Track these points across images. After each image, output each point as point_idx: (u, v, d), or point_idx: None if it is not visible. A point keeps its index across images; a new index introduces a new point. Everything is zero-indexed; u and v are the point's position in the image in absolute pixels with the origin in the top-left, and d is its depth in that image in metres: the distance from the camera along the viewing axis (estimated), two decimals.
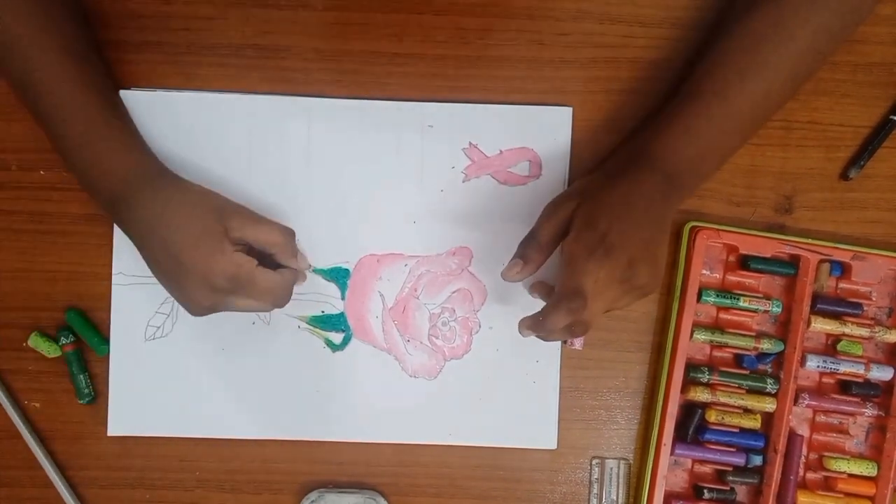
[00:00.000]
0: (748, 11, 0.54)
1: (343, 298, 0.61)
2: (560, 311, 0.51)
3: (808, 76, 0.55)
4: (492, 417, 0.61)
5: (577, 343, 0.61)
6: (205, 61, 0.60)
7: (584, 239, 0.52)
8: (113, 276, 0.60)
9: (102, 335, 0.60)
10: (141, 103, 0.59)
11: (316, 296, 0.61)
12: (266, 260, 0.55)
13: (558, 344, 0.61)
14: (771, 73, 0.53)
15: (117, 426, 0.61)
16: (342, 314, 0.61)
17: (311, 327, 0.61)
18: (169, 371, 0.60)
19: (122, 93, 0.59)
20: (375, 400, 0.61)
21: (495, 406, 0.61)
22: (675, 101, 0.56)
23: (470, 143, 0.61)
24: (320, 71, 0.60)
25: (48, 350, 0.60)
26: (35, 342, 0.60)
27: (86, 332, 0.60)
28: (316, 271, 0.61)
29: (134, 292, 0.60)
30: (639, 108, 0.61)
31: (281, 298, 0.55)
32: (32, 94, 0.54)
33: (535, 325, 0.53)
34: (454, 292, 0.61)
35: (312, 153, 0.60)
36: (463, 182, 0.61)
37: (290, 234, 0.56)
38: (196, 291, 0.53)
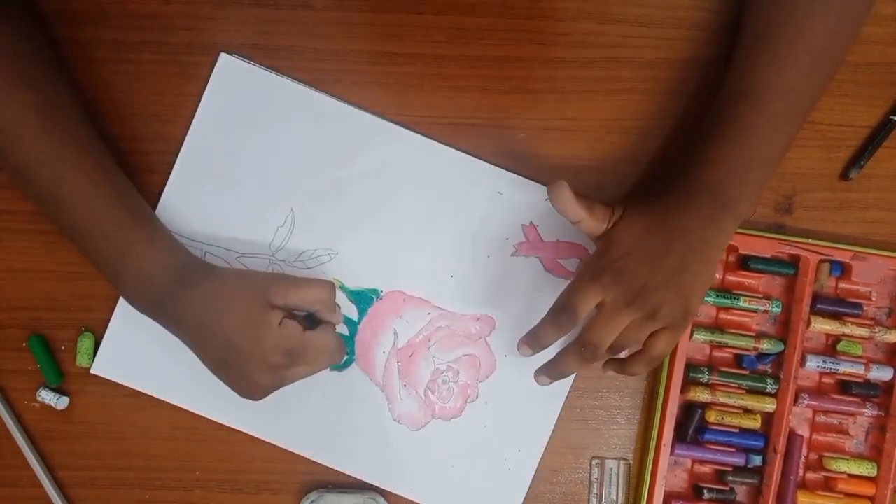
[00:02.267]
0: (757, 10, 0.54)
1: (359, 322, 0.61)
2: (549, 325, 0.53)
3: (833, 64, 0.54)
4: (457, 488, 0.61)
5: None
6: (205, 61, 0.60)
7: (596, 261, 0.53)
8: None
9: (58, 368, 0.60)
10: (236, 71, 0.59)
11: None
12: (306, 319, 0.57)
13: (546, 437, 0.61)
14: (791, 66, 0.53)
15: (102, 367, 0.60)
16: (352, 337, 0.61)
17: None
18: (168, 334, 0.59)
19: (222, 56, 0.59)
20: (354, 431, 0.61)
21: (464, 478, 0.61)
22: (707, 116, 0.56)
23: (531, 222, 0.61)
24: (320, 71, 0.60)
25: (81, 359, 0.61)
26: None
27: (43, 361, 0.60)
28: (342, 288, 0.61)
29: None
30: (639, 108, 0.61)
31: (336, 355, 0.57)
32: (62, 210, 0.53)
33: (531, 341, 0.55)
34: (464, 356, 0.61)
35: (381, 176, 0.60)
36: (511, 255, 0.61)
37: (332, 287, 0.56)
38: (256, 373, 0.53)
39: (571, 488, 0.62)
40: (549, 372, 0.56)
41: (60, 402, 0.60)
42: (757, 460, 0.60)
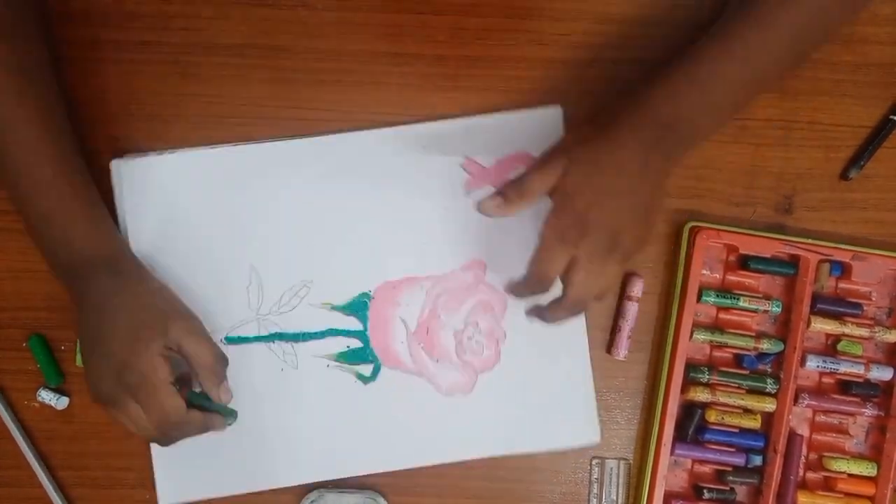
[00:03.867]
0: None
1: (366, 330, 0.61)
2: (526, 289, 0.53)
3: (815, 40, 0.54)
4: (532, 424, 0.61)
5: (621, 353, 0.61)
6: (205, 61, 0.60)
7: (557, 220, 0.52)
8: None
9: (58, 368, 0.60)
10: (135, 169, 0.59)
11: (337, 333, 0.61)
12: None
13: (584, 337, 0.61)
14: (773, 29, 0.52)
15: (168, 497, 0.60)
16: (367, 346, 0.61)
17: (339, 364, 0.61)
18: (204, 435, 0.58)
19: (113, 163, 0.59)
20: (413, 424, 0.61)
21: (535, 411, 0.61)
22: (677, 56, 0.55)
23: (466, 158, 0.61)
24: (320, 71, 0.60)
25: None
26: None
27: (43, 361, 0.60)
28: (334, 309, 0.61)
29: None
30: None
31: (169, 428, 0.53)
32: (5, 168, 0.53)
33: (513, 292, 0.55)
34: (475, 306, 0.61)
35: (314, 193, 0.60)
36: (465, 196, 0.61)
37: (223, 360, 0.55)
38: (104, 375, 0.52)
39: (571, 488, 0.62)
40: (539, 315, 0.55)
41: (60, 403, 0.60)
42: (757, 460, 0.60)
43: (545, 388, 0.61)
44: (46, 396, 0.60)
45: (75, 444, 0.61)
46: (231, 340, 0.60)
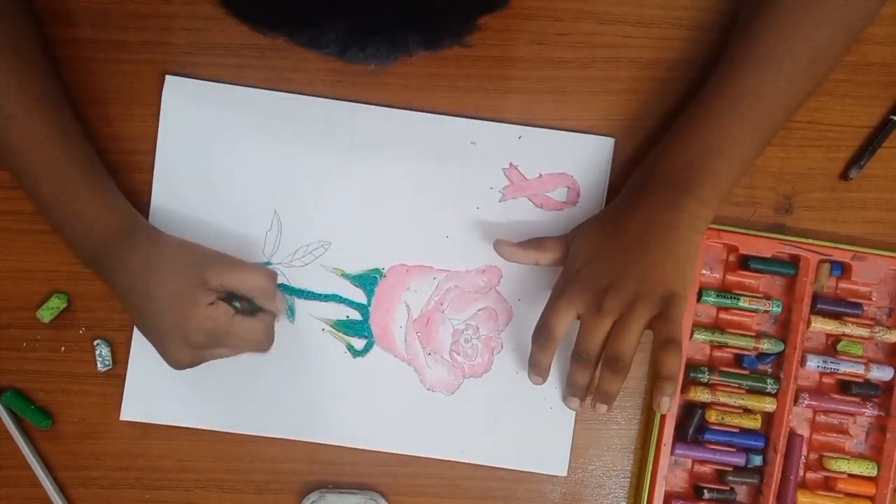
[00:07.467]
0: (748, 15, 0.55)
1: (369, 305, 0.61)
2: (534, 348, 0.55)
3: (822, 70, 0.54)
4: (505, 439, 0.61)
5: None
6: (205, 61, 0.60)
7: (561, 277, 0.55)
8: None
9: (43, 410, 0.60)
10: (185, 91, 0.60)
11: (340, 300, 0.61)
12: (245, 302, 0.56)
13: None
14: (770, 66, 0.53)
15: (130, 411, 0.60)
16: (366, 321, 0.61)
17: (334, 331, 0.61)
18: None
19: (168, 78, 0.60)
20: (391, 409, 0.61)
21: (510, 428, 0.61)
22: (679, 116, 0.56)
23: (510, 164, 0.61)
24: (320, 71, 0.60)
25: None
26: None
27: (25, 411, 0.60)
28: (344, 276, 0.61)
29: None
30: (639, 108, 0.61)
31: (262, 343, 0.56)
32: (9, 154, 0.53)
33: (533, 369, 0.56)
34: (480, 310, 0.61)
35: (354, 157, 0.60)
36: (500, 202, 0.61)
37: (271, 275, 0.56)
38: (175, 349, 0.54)
39: (571, 488, 0.62)
40: (567, 390, 0.56)
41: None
42: (757, 460, 0.60)
43: (526, 409, 0.61)
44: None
45: (75, 444, 0.61)
46: None
